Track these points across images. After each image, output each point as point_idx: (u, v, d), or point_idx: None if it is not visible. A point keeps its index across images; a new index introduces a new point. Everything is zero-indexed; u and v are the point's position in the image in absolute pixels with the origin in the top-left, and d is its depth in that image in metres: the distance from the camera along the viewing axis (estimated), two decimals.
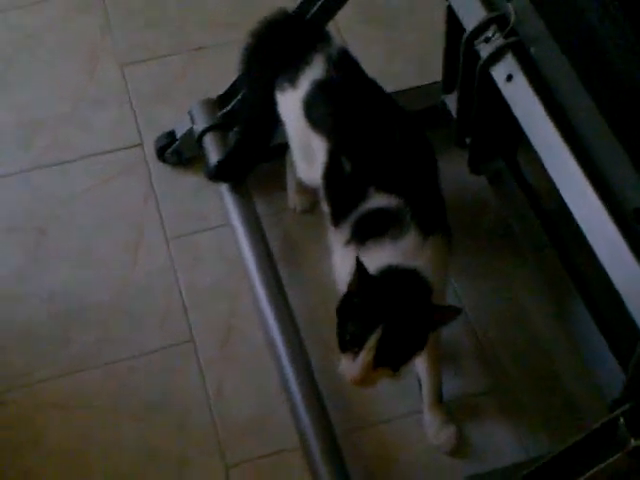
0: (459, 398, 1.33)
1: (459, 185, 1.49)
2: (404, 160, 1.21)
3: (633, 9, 0.88)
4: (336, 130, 1.23)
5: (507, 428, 1.30)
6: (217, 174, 1.46)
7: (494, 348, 1.38)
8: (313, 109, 1.26)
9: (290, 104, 1.30)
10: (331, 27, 1.42)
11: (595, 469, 1.01)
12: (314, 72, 1.27)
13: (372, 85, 1.30)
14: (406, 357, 1.11)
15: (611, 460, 1.00)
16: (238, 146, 1.45)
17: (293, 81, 1.28)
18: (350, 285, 1.11)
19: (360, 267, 1.08)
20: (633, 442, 0.98)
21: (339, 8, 1.38)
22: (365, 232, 1.17)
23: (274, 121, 1.36)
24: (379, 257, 1.13)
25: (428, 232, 1.15)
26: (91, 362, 1.37)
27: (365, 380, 1.09)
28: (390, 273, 1.12)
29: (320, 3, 1.36)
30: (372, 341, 1.06)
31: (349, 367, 1.09)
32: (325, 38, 1.31)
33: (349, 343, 1.09)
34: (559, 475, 1.05)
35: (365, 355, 1.07)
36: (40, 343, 1.39)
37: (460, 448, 1.27)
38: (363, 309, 1.09)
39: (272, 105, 1.34)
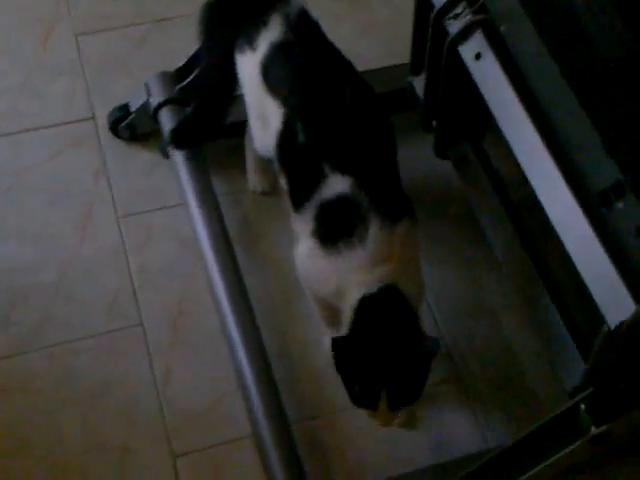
0: None
1: (425, 169, 1.48)
2: (358, 135, 1.18)
3: None
4: (291, 95, 1.20)
5: (466, 418, 1.30)
6: (172, 140, 1.43)
7: (455, 338, 1.37)
8: (270, 72, 1.24)
9: (249, 67, 1.27)
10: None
11: (555, 457, 1.01)
12: (272, 34, 1.24)
13: (330, 49, 1.27)
14: (417, 393, 1.14)
15: (572, 448, 1.00)
16: (195, 112, 1.42)
17: (252, 43, 1.26)
18: (340, 372, 1.13)
19: (340, 349, 1.10)
20: (594, 430, 0.98)
21: None
22: (331, 227, 1.14)
23: (233, 87, 1.34)
24: (351, 265, 1.12)
25: (394, 222, 1.13)
26: (33, 344, 1.34)
27: (391, 420, 1.15)
28: (372, 309, 1.12)
29: None
30: (382, 403, 1.11)
31: (372, 416, 1.14)
32: None
33: (362, 404, 1.14)
34: (518, 464, 1.05)
35: (381, 412, 1.12)
36: None
37: (412, 425, 1.29)
38: (363, 375, 1.11)
39: (231, 70, 1.31)
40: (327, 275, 1.16)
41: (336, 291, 1.15)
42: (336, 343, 1.10)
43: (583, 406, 0.99)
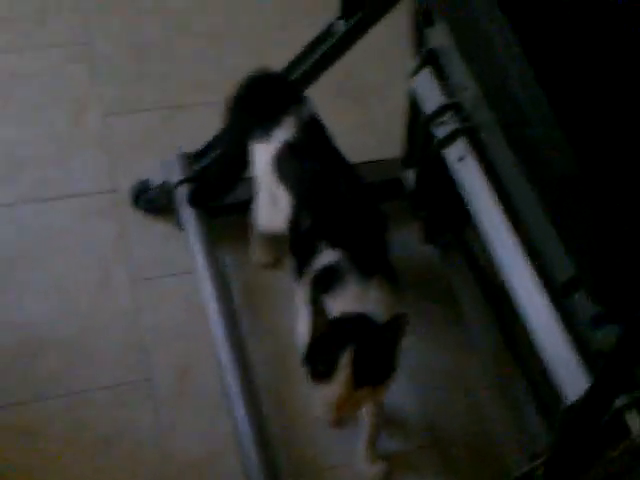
0: (400, 450, 1.38)
1: (413, 252, 1.55)
2: (352, 220, 1.28)
3: (564, 112, 0.98)
4: (298, 189, 1.32)
5: None
6: (188, 200, 1.52)
7: (433, 408, 1.43)
8: (281, 165, 1.34)
9: (262, 155, 1.38)
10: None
11: None
12: (285, 132, 1.35)
13: (334, 151, 1.38)
14: (384, 371, 1.12)
15: None
16: (211, 177, 1.52)
17: (266, 136, 1.37)
18: (312, 330, 1.14)
19: (317, 308, 1.12)
20: None
21: (318, 76, 1.47)
22: (319, 289, 1.22)
23: (243, 169, 1.44)
24: (331, 309, 1.17)
25: (369, 276, 1.20)
26: (50, 393, 1.39)
27: (348, 401, 1.09)
28: (343, 317, 1.16)
29: (302, 70, 1.45)
30: (346, 359, 1.08)
31: (329, 392, 1.10)
32: (301, 100, 1.39)
33: (323, 372, 1.10)
34: None
35: (343, 374, 1.08)
36: (3, 369, 1.41)
37: None
38: (329, 342, 1.10)
39: (244, 155, 1.41)
40: None
41: None
42: (316, 301, 1.11)
43: (539, 472, 1.06)
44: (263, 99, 1.41)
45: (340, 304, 1.18)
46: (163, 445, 1.36)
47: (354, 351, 1.09)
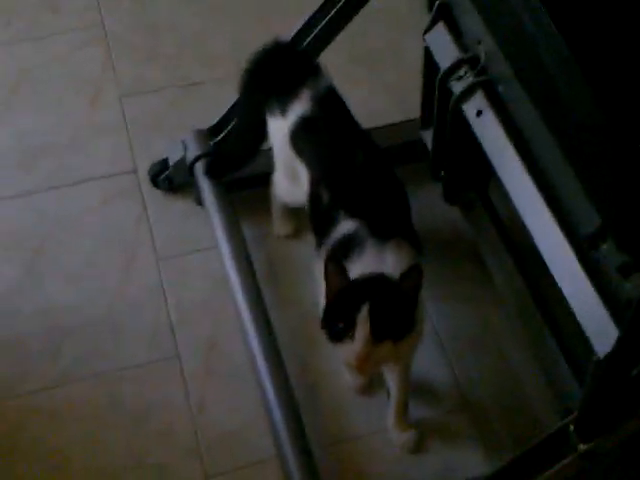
0: (431, 415, 1.37)
1: (435, 214, 1.53)
2: (369, 190, 1.27)
3: (584, 58, 0.94)
4: (316, 163, 1.30)
5: (475, 444, 1.34)
6: (206, 171, 1.51)
7: (464, 369, 1.41)
8: (298, 140, 1.33)
9: (279, 130, 1.36)
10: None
11: (549, 471, 1.04)
12: (301, 107, 1.33)
13: (351, 123, 1.36)
14: (403, 325, 1.11)
15: (563, 463, 1.03)
16: (229, 149, 1.51)
17: (283, 110, 1.35)
18: (327, 290, 1.13)
19: (334, 264, 1.11)
20: (582, 447, 1.02)
21: (330, 41, 1.44)
22: (337, 255, 1.20)
23: (261, 141, 1.43)
24: (351, 274, 1.16)
25: (385, 240, 1.19)
26: (81, 374, 1.40)
27: (369, 357, 1.08)
28: (360, 277, 1.15)
29: (313, 34, 1.42)
30: (363, 314, 1.07)
31: (350, 350, 1.09)
32: (316, 72, 1.37)
33: (342, 330, 1.10)
34: (516, 478, 1.08)
35: (362, 328, 1.07)
36: (33, 355, 1.42)
37: (421, 448, 1.31)
38: (346, 299, 1.10)
39: (261, 127, 1.40)
40: None
41: None
42: (330, 261, 1.11)
43: (572, 427, 1.03)
44: (278, 72, 1.38)
45: (359, 268, 1.17)
46: (194, 419, 1.36)
47: (371, 305, 1.08)
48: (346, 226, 1.23)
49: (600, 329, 1.00)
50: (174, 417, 1.36)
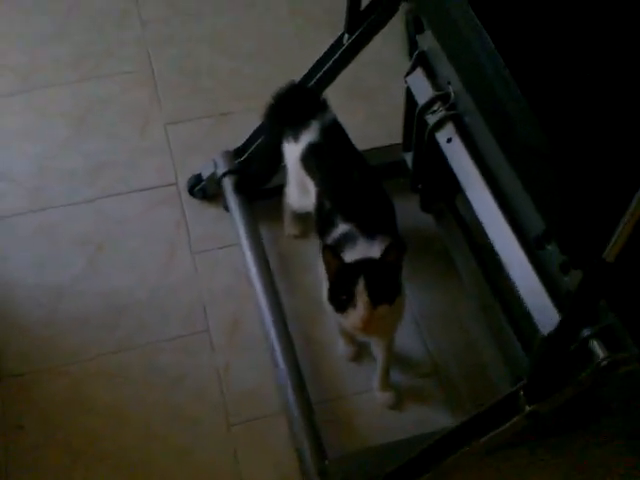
0: (407, 379, 1.36)
1: (414, 220, 1.51)
2: (362, 201, 1.26)
3: (531, 95, 0.93)
4: (321, 180, 1.30)
5: (442, 403, 1.32)
6: (234, 188, 1.51)
7: (435, 342, 1.40)
8: (307, 161, 1.32)
9: (292, 153, 1.35)
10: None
11: (502, 426, 1.04)
12: (311, 135, 1.32)
13: (349, 148, 1.35)
14: (392, 290, 1.12)
15: (513, 421, 1.02)
16: (253, 172, 1.51)
17: (296, 137, 1.34)
18: (327, 272, 1.13)
19: (329, 250, 1.11)
20: (528, 407, 1.01)
21: (330, 82, 1.43)
22: (334, 247, 1.19)
23: (278, 162, 1.42)
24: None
25: (373, 237, 1.19)
26: (131, 344, 1.39)
27: (371, 320, 1.09)
28: (353, 261, 1.15)
29: (318, 77, 1.42)
30: (361, 286, 1.08)
31: (355, 315, 1.10)
32: (323, 108, 1.36)
33: (345, 301, 1.10)
34: (475, 432, 1.07)
35: (361, 296, 1.08)
36: (93, 329, 1.42)
37: (399, 405, 1.30)
38: (344, 277, 1.11)
39: (278, 151, 1.39)
40: None
41: None
42: (326, 248, 1.11)
43: (522, 392, 1.02)
44: (293, 108, 1.37)
45: (352, 257, 1.17)
46: (220, 380, 1.35)
47: (365, 278, 1.09)
48: (343, 228, 1.22)
49: (544, 313, 0.99)
50: (204, 379, 1.35)
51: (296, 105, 1.37)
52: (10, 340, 1.39)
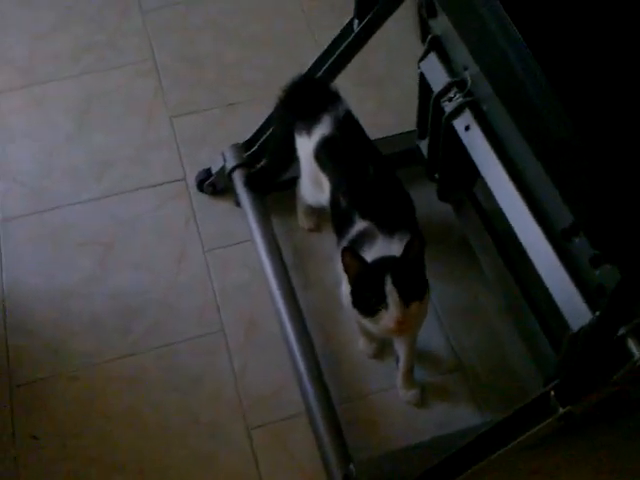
0: (431, 377, 1.33)
1: (431, 209, 1.48)
2: (378, 197, 1.23)
3: (557, 80, 0.89)
4: (336, 174, 1.26)
5: (467, 400, 1.30)
6: (246, 184, 1.48)
7: (457, 337, 1.37)
8: (321, 156, 1.29)
9: (305, 147, 1.32)
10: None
11: (533, 429, 1.01)
12: (323, 128, 1.28)
13: (364, 141, 1.31)
14: (421, 286, 1.10)
15: (546, 423, 1.00)
16: (262, 168, 1.47)
17: (308, 131, 1.30)
18: (349, 276, 1.10)
19: (349, 252, 1.08)
20: (561, 409, 0.99)
21: (341, 70, 1.40)
22: (354, 246, 1.17)
23: (290, 156, 1.38)
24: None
25: (391, 234, 1.16)
26: (145, 346, 1.38)
27: (405, 320, 1.06)
28: (375, 260, 1.12)
29: (327, 65, 1.38)
30: (389, 285, 1.05)
31: (388, 317, 1.07)
32: (336, 99, 1.32)
33: (375, 303, 1.07)
34: (506, 435, 1.05)
35: (392, 296, 1.05)
36: (106, 331, 1.40)
37: (424, 403, 1.29)
38: (369, 279, 1.07)
39: (290, 144, 1.35)
40: None
41: None
42: (345, 250, 1.07)
43: (553, 392, 0.99)
44: (305, 101, 1.33)
45: (371, 255, 1.14)
46: (237, 383, 1.34)
47: (393, 277, 1.06)
48: (360, 225, 1.19)
49: (573, 309, 0.96)
50: (221, 381, 1.33)
51: (307, 98, 1.33)
52: (20, 346, 1.38)
